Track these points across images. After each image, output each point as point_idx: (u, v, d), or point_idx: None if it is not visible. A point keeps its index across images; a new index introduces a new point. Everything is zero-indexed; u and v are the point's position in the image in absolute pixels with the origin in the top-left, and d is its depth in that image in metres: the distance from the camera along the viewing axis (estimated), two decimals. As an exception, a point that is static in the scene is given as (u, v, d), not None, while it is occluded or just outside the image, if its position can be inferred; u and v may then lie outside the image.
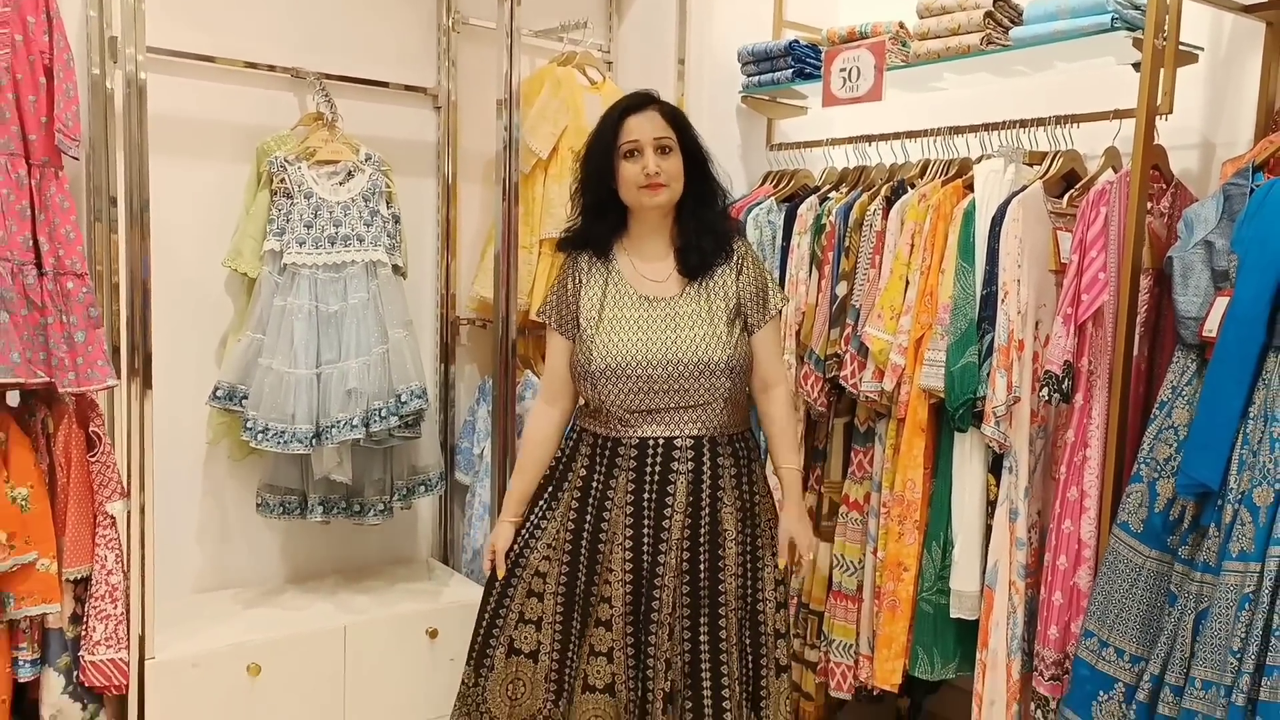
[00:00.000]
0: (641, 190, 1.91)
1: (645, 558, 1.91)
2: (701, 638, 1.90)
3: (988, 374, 2.19)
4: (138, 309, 2.21)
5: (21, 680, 2.14)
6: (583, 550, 1.96)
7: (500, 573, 1.99)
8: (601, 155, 1.94)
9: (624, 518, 1.92)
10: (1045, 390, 2.11)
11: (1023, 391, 2.19)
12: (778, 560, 2.00)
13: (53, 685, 2.16)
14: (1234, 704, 1.65)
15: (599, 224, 1.98)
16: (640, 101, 1.96)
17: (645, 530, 1.91)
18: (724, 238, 1.98)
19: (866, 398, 2.40)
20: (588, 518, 1.95)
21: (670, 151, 1.92)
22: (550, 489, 2.03)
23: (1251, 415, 1.73)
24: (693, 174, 1.96)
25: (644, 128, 1.91)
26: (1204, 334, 1.83)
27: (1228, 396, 1.74)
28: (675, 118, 1.96)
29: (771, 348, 2.02)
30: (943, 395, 2.25)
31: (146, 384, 2.22)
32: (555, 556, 1.98)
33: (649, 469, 1.92)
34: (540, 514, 2.02)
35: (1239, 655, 1.66)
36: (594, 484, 1.96)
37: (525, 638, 1.99)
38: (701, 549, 1.91)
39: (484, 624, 2.03)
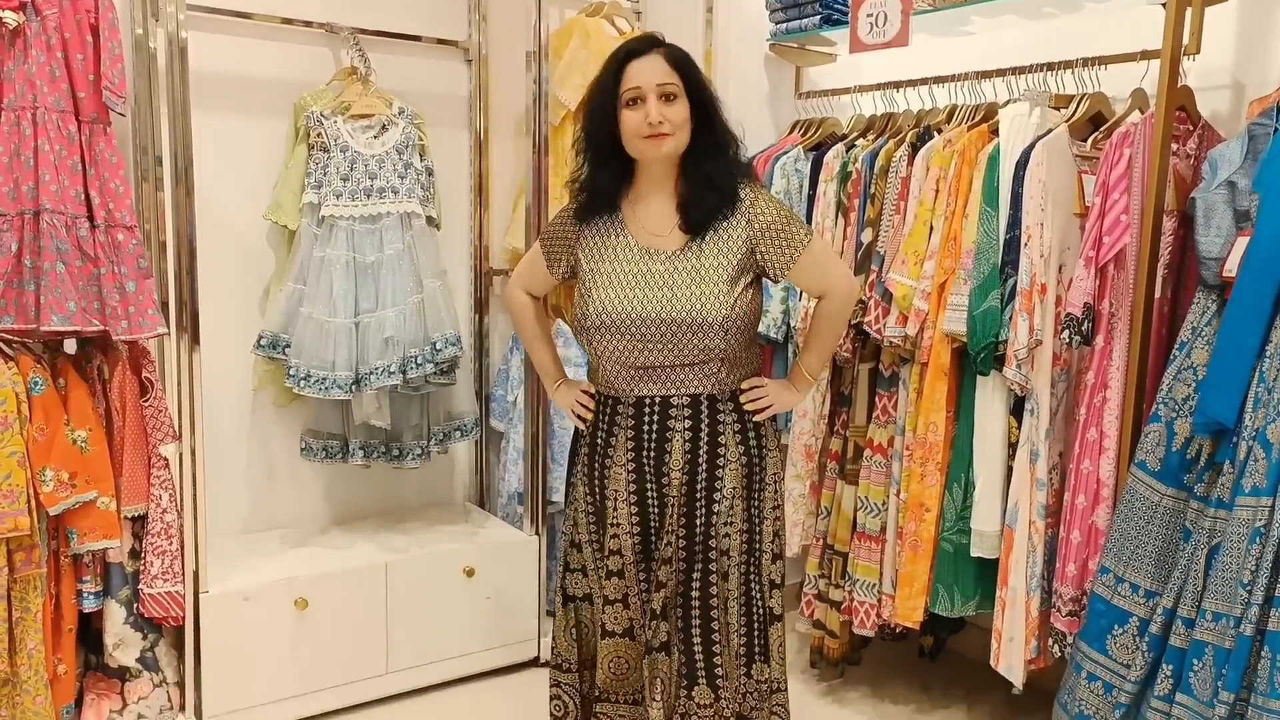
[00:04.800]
0: (644, 141, 1.80)
1: (653, 512, 1.91)
2: (693, 593, 1.90)
3: (1010, 318, 2.21)
4: (184, 266, 2.31)
5: (86, 611, 2.29)
6: (591, 507, 1.98)
7: (588, 415, 1.97)
8: (603, 103, 1.83)
9: (626, 475, 1.91)
10: (1066, 333, 2.13)
11: (1045, 335, 2.21)
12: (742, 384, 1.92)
13: (115, 615, 2.30)
14: (1243, 634, 1.69)
15: (603, 176, 1.89)
16: (644, 45, 1.83)
17: (649, 487, 1.90)
18: (728, 191, 1.85)
19: (891, 343, 2.44)
20: (595, 475, 1.96)
21: (675, 99, 1.80)
22: (571, 453, 2.06)
23: (1268, 354, 1.75)
24: (700, 122, 1.84)
25: (647, 73, 1.79)
26: (1224, 274, 1.85)
27: (1245, 335, 1.75)
28: (681, 62, 1.83)
29: (813, 273, 1.89)
30: (965, 340, 2.28)
31: (195, 340, 2.33)
32: (584, 508, 2.00)
33: (646, 428, 1.89)
34: (569, 475, 2.06)
35: (1249, 588, 1.69)
36: (598, 442, 1.96)
37: (574, 583, 2.04)
38: (698, 506, 1.89)
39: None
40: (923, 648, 2.76)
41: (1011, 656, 2.28)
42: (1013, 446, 2.30)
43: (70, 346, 2.29)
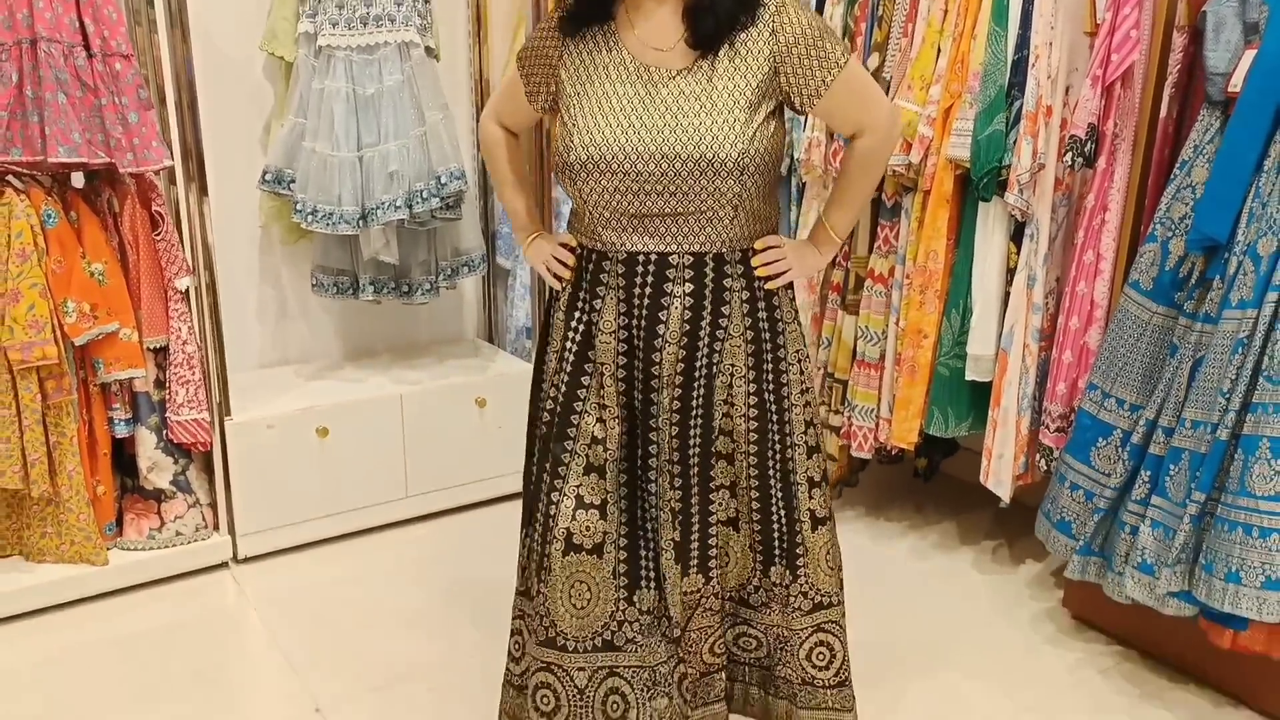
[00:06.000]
0: None
1: (638, 394, 1.61)
2: (692, 483, 1.63)
3: (1014, 142, 2.21)
4: (186, 106, 2.29)
5: (118, 437, 2.40)
6: (566, 382, 1.63)
7: (566, 274, 1.66)
8: None
9: (616, 344, 1.60)
10: (1069, 155, 2.13)
11: (1048, 159, 2.21)
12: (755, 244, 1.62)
13: (146, 441, 2.41)
14: (1218, 439, 1.77)
15: None
16: None
17: (636, 363, 1.60)
18: None
19: (894, 171, 2.44)
20: (573, 344, 1.63)
21: None
22: (545, 320, 1.73)
23: (1266, 168, 1.76)
24: None
25: None
26: (1229, 90, 1.83)
27: (1244, 150, 1.76)
28: None
29: (849, 103, 1.56)
30: (969, 165, 2.28)
31: (203, 190, 2.35)
32: (550, 393, 1.67)
33: (638, 290, 1.57)
34: (540, 357, 1.75)
35: (1227, 395, 1.76)
36: (579, 305, 1.63)
37: (576, 521, 1.65)
38: (696, 386, 1.60)
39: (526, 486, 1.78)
40: (917, 469, 2.89)
41: (1001, 472, 2.39)
42: (1011, 272, 2.34)
43: (78, 180, 2.30)
